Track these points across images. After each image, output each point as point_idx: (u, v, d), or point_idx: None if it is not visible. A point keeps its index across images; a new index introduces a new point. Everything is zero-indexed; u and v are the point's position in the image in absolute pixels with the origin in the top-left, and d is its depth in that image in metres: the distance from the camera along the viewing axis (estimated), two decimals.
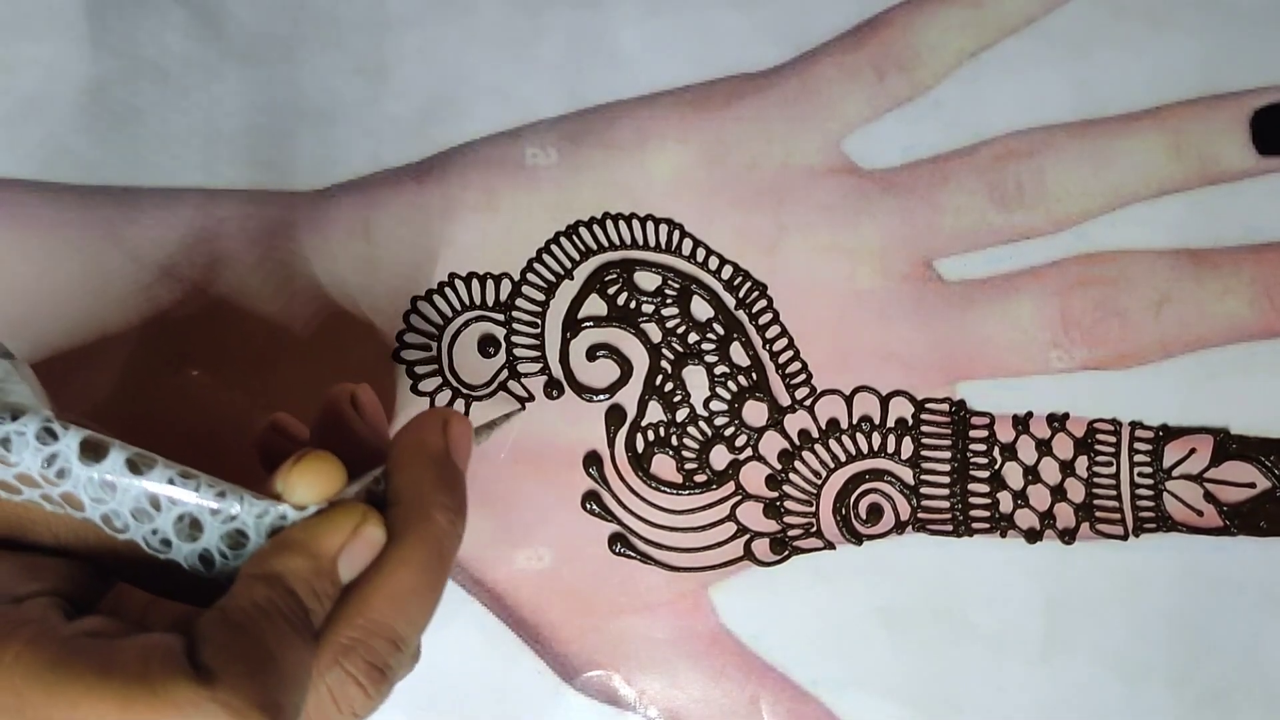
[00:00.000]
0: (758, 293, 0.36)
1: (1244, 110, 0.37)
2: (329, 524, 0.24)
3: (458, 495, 0.27)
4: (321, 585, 0.24)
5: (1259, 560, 0.36)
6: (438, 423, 0.28)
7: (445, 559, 0.26)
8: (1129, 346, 0.36)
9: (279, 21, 0.37)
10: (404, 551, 0.25)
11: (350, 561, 0.24)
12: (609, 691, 0.35)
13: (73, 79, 0.37)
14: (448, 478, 0.27)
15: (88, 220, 0.36)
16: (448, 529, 0.26)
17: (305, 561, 0.23)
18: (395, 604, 0.24)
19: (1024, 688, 0.35)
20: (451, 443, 0.27)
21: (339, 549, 0.24)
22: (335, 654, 0.23)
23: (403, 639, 0.24)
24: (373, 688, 0.24)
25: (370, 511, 0.25)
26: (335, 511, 0.24)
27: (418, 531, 0.25)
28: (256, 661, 0.21)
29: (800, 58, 0.37)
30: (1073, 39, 0.37)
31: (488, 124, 0.37)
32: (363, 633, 0.24)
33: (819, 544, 0.36)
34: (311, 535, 0.24)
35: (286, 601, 0.23)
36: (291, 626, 0.23)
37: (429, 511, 0.26)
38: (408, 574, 0.25)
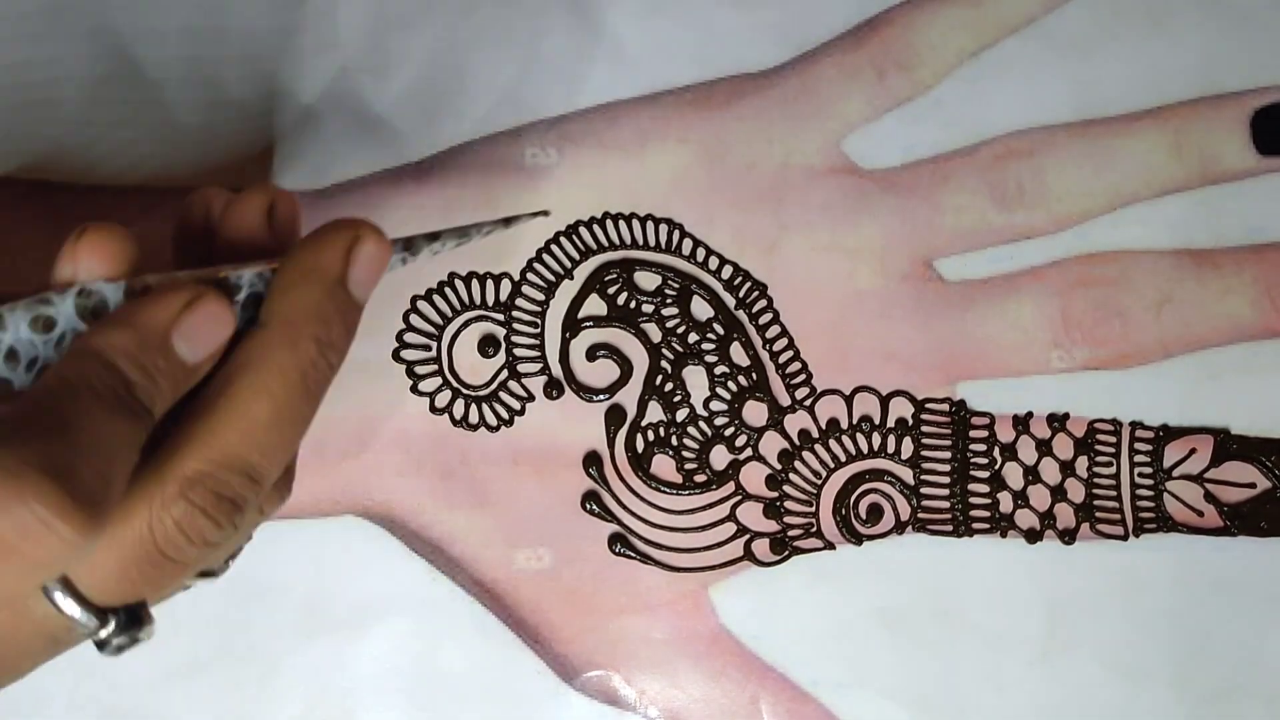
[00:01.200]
0: (757, 293, 0.36)
1: (1244, 110, 0.37)
2: (154, 298, 0.22)
3: (337, 327, 0.24)
4: (150, 359, 0.22)
5: (1259, 560, 0.36)
6: (343, 240, 0.24)
7: (310, 394, 0.23)
8: (1130, 346, 0.36)
9: (279, 21, 0.37)
10: (262, 378, 0.23)
11: (189, 336, 0.22)
12: (609, 691, 0.35)
13: (73, 79, 0.37)
14: (334, 306, 0.24)
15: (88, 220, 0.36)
16: (316, 359, 0.23)
17: (126, 334, 0.22)
18: (248, 436, 0.22)
19: (1024, 688, 0.35)
20: (354, 268, 0.24)
21: (169, 322, 0.22)
22: (180, 486, 0.22)
23: (257, 471, 0.22)
24: (223, 518, 0.22)
25: (206, 288, 0.23)
26: (163, 286, 0.23)
27: (280, 359, 0.23)
28: (45, 429, 0.20)
29: (800, 58, 0.37)
30: (1073, 39, 0.37)
31: (488, 124, 0.37)
32: (210, 465, 0.22)
33: (819, 544, 0.36)
34: (133, 309, 0.22)
35: (100, 375, 0.21)
36: (98, 398, 0.21)
37: (298, 339, 0.23)
38: (264, 404, 0.22)
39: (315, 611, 0.35)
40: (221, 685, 0.35)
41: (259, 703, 0.35)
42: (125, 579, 0.22)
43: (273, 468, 0.23)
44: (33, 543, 0.19)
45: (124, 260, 0.23)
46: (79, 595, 0.22)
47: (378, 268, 0.25)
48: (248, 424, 0.22)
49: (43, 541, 0.19)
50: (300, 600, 0.35)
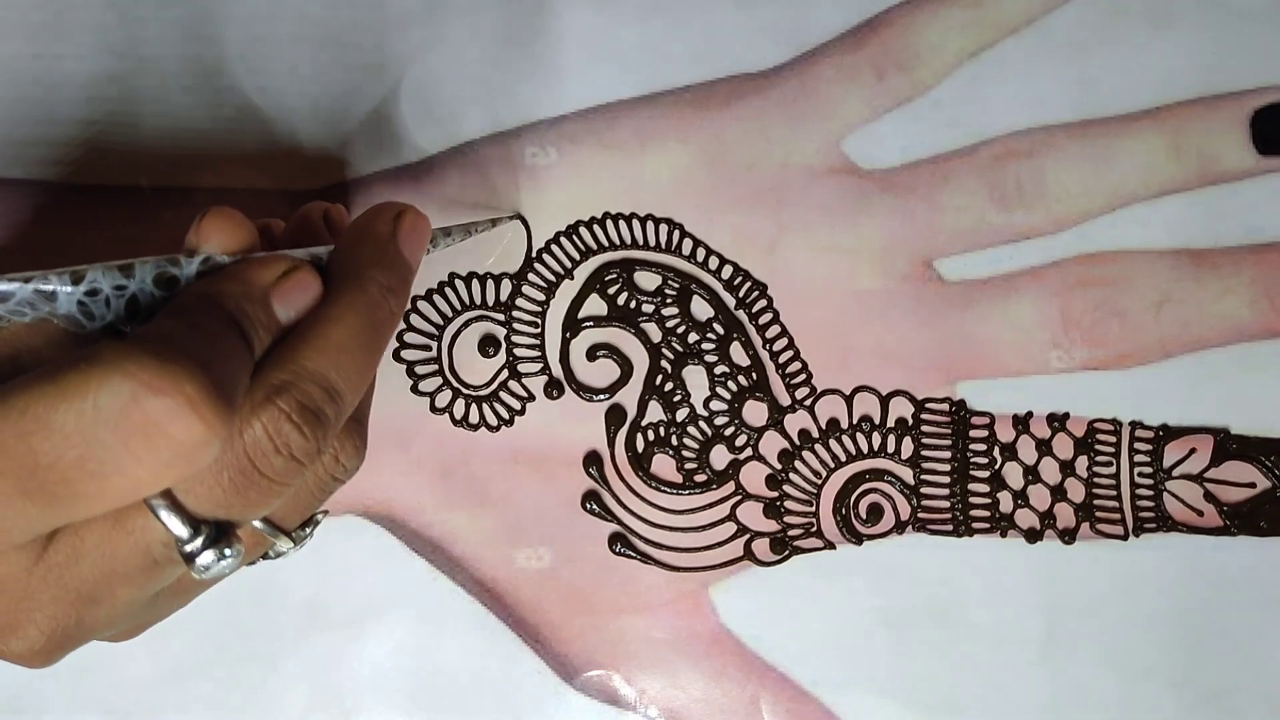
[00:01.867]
0: (758, 293, 0.36)
1: (1244, 110, 0.37)
2: (260, 262, 0.25)
3: (396, 274, 0.27)
4: (254, 310, 0.24)
5: (1259, 560, 0.36)
6: (390, 212, 0.28)
7: (380, 328, 0.26)
8: (1129, 346, 0.36)
9: (279, 21, 0.37)
10: (336, 310, 0.25)
11: (285, 298, 0.25)
12: (609, 691, 0.35)
13: (73, 79, 0.37)
14: (388, 258, 0.27)
15: (88, 220, 0.36)
16: (380, 300, 0.26)
17: (236, 285, 0.24)
18: (326, 354, 0.25)
19: (1024, 688, 0.35)
20: (401, 232, 0.28)
21: (271, 282, 0.25)
22: (268, 392, 0.23)
23: (336, 390, 0.24)
24: (308, 428, 0.24)
25: (303, 262, 0.26)
26: (265, 256, 0.25)
27: (350, 295, 0.26)
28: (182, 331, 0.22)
29: (800, 58, 0.37)
30: (1073, 39, 0.37)
31: (488, 124, 0.37)
32: (294, 375, 0.24)
33: (819, 544, 0.36)
34: (242, 267, 0.25)
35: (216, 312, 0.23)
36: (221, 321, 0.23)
37: (363, 282, 0.26)
38: (339, 329, 0.25)
39: (315, 611, 0.35)
40: (221, 685, 0.35)
41: (259, 702, 0.35)
42: (218, 489, 0.23)
43: (348, 390, 0.25)
44: (181, 426, 0.20)
45: (243, 239, 0.25)
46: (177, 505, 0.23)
47: (421, 235, 0.29)
48: (324, 343, 0.25)
49: (190, 425, 0.20)
50: (300, 600, 0.35)
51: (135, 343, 0.21)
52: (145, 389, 0.20)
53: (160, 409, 0.20)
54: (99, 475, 0.20)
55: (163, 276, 0.24)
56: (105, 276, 0.24)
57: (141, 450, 0.20)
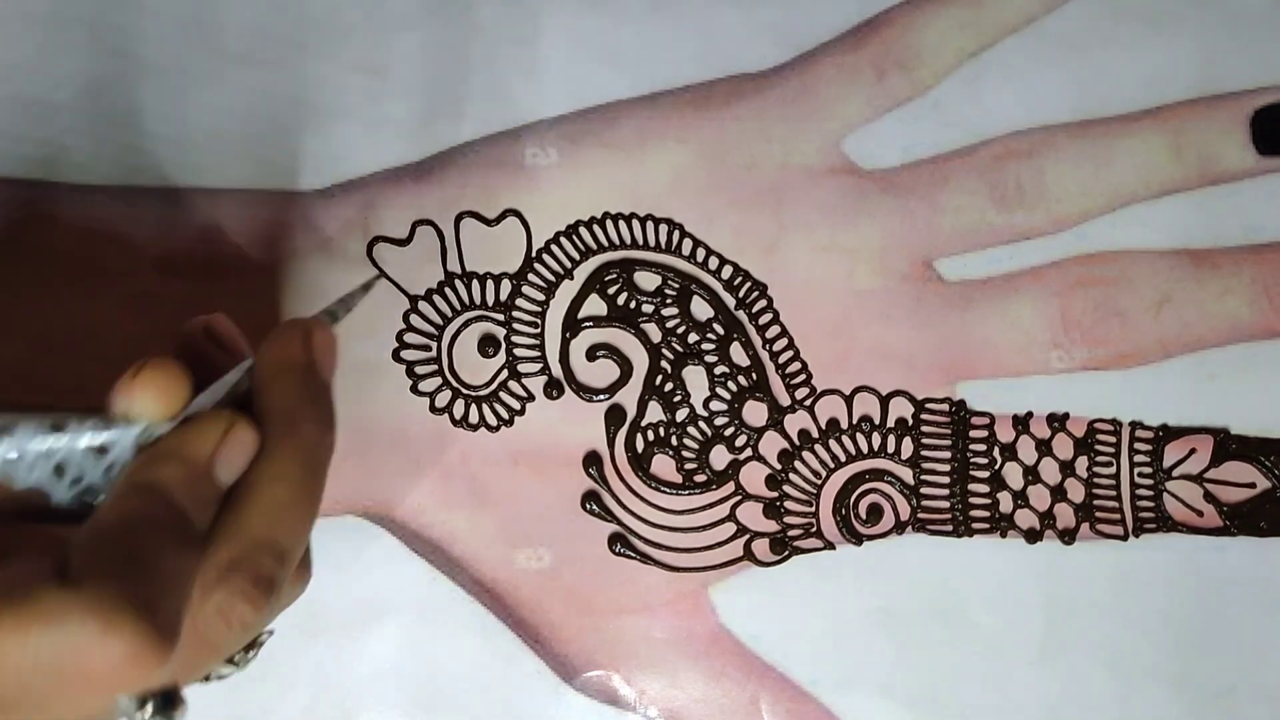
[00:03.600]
0: (757, 293, 0.36)
1: (1244, 110, 0.37)
2: (198, 430, 0.24)
3: (324, 407, 0.27)
4: (200, 490, 0.24)
5: (1259, 560, 0.36)
6: (299, 335, 0.27)
7: (318, 470, 0.26)
8: (1129, 347, 0.36)
9: (279, 21, 0.37)
10: (276, 466, 0.25)
11: (227, 464, 0.24)
12: (609, 691, 0.35)
13: (73, 79, 0.37)
14: (313, 390, 0.27)
15: (87, 220, 0.36)
16: (317, 440, 0.26)
17: (179, 468, 0.24)
18: (273, 518, 0.24)
19: (1024, 688, 0.35)
20: (315, 355, 0.27)
21: (212, 452, 0.24)
22: (220, 572, 0.23)
23: (285, 552, 0.24)
24: (261, 600, 0.24)
25: (237, 414, 0.25)
26: (203, 418, 0.25)
27: (287, 445, 0.25)
28: (126, 565, 0.21)
29: (800, 58, 0.37)
30: (1073, 39, 0.37)
31: (488, 124, 0.37)
32: (244, 550, 0.24)
33: (819, 544, 0.36)
34: (181, 441, 0.24)
35: (162, 509, 0.23)
36: (166, 532, 0.23)
37: (297, 425, 0.26)
38: (281, 487, 0.25)
39: (315, 611, 0.35)
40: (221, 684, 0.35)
41: (259, 703, 0.35)
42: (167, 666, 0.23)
43: (297, 545, 0.25)
44: (119, 673, 0.20)
45: (179, 400, 0.25)
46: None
47: (333, 348, 0.28)
48: (270, 507, 0.24)
49: (128, 672, 0.21)
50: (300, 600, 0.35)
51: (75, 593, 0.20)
52: (87, 645, 0.20)
53: (102, 662, 0.20)
54: (42, 707, 0.21)
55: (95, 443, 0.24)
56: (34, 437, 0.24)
57: (82, 693, 0.21)
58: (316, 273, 0.36)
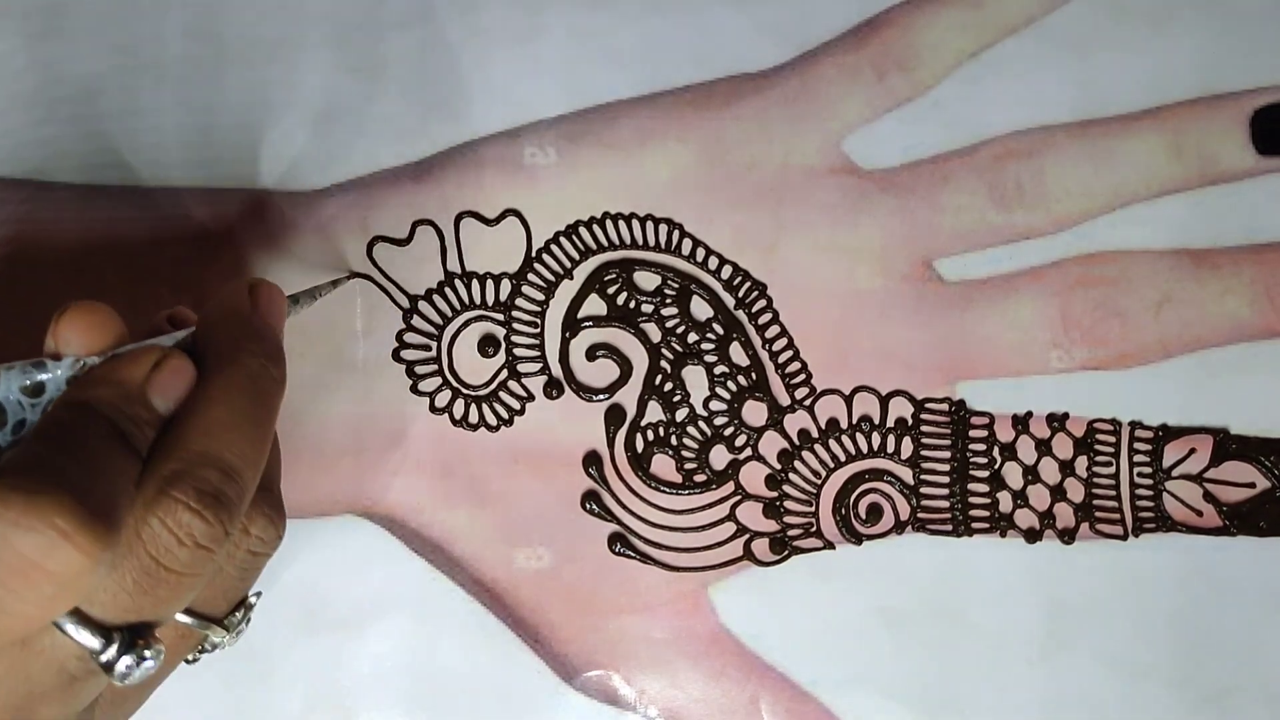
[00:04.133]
0: (757, 292, 0.36)
1: (1244, 110, 0.37)
2: (129, 358, 0.24)
3: (268, 343, 0.27)
4: (133, 410, 0.24)
5: (1259, 560, 0.36)
6: (243, 287, 0.28)
7: (262, 395, 0.26)
8: (1129, 346, 0.36)
9: (278, 21, 0.37)
10: (215, 389, 0.25)
11: (162, 390, 0.24)
12: (609, 691, 0.35)
13: (73, 79, 0.37)
14: (254, 329, 0.27)
15: (88, 220, 0.36)
16: (259, 370, 0.26)
17: (110, 389, 0.24)
18: (214, 434, 0.24)
19: (1024, 688, 0.35)
20: (260, 304, 0.28)
21: (144, 377, 0.24)
22: (160, 484, 0.23)
23: (232, 467, 0.24)
24: (209, 513, 0.23)
25: (172, 349, 0.25)
26: (134, 349, 0.25)
27: (227, 371, 0.25)
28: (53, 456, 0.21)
29: (800, 58, 0.37)
30: (1073, 39, 0.37)
31: (487, 124, 0.37)
32: (185, 462, 0.23)
33: (819, 544, 0.36)
34: (112, 368, 0.24)
35: (95, 423, 0.23)
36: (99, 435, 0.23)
37: (237, 355, 0.26)
38: (222, 409, 0.25)
39: (315, 611, 0.35)
40: (221, 683, 0.35)
41: (258, 701, 0.35)
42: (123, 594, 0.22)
43: (245, 465, 0.24)
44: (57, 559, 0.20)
45: (107, 336, 0.25)
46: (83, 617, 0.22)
47: (279, 303, 0.28)
48: (210, 423, 0.24)
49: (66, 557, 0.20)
50: (300, 599, 0.35)
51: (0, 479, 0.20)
52: (13, 528, 0.20)
53: (32, 546, 0.20)
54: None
55: (29, 386, 0.24)
56: None
57: (22, 588, 0.20)
58: (316, 273, 0.36)
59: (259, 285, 0.28)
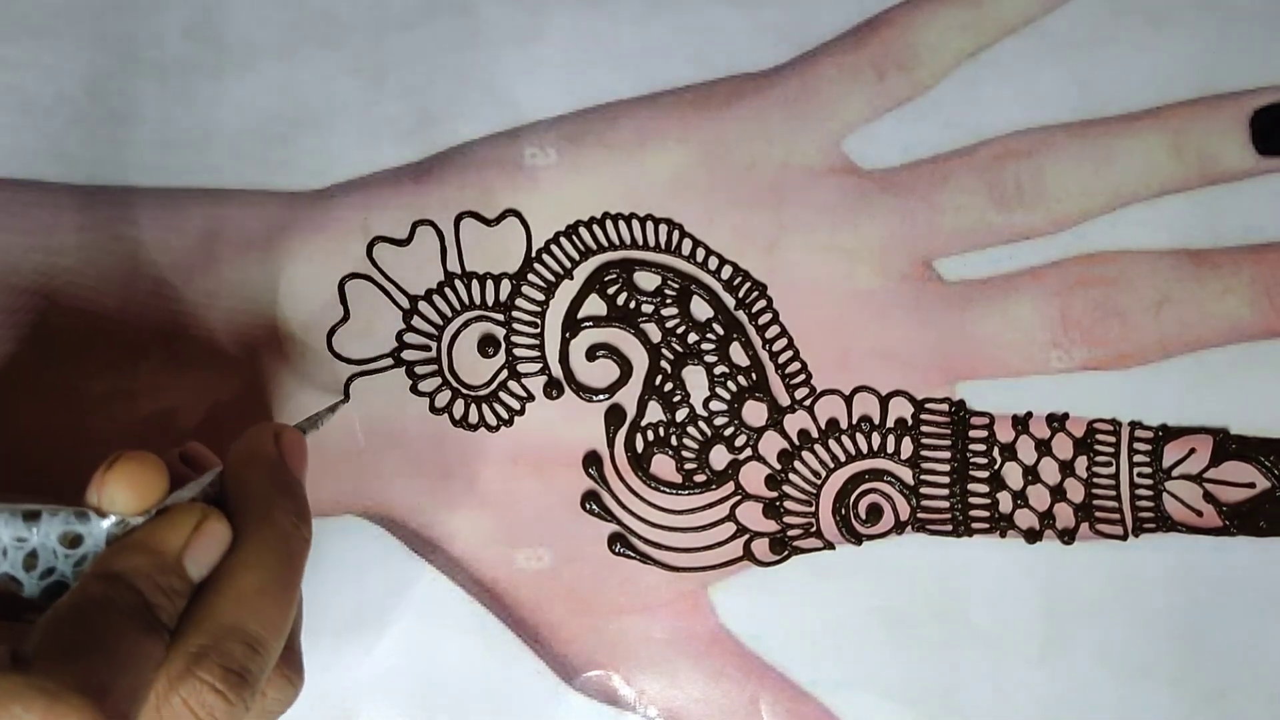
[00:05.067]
0: (757, 293, 0.36)
1: (1244, 110, 0.37)
2: (169, 523, 0.24)
3: (297, 499, 0.27)
4: (167, 581, 0.24)
5: (1259, 560, 0.36)
6: (269, 434, 0.28)
7: (293, 558, 0.26)
8: (1129, 346, 0.36)
9: (278, 21, 0.37)
10: (247, 554, 0.25)
11: (197, 559, 0.24)
12: (609, 691, 0.35)
13: (73, 79, 0.37)
14: (285, 482, 0.27)
15: (88, 220, 0.36)
16: (291, 530, 0.26)
17: (147, 558, 0.24)
18: (244, 605, 0.24)
19: (1024, 688, 0.35)
20: (285, 452, 0.28)
21: (182, 546, 0.24)
22: (187, 662, 0.23)
23: (258, 641, 0.24)
24: (232, 693, 0.23)
25: (210, 509, 0.25)
26: (174, 511, 0.25)
27: (260, 533, 0.25)
28: (78, 648, 0.21)
29: (800, 58, 0.37)
30: (1073, 39, 0.37)
31: (487, 124, 0.37)
32: (213, 637, 0.24)
33: (819, 544, 0.36)
34: (151, 533, 0.24)
35: (125, 596, 0.23)
36: (127, 618, 0.23)
37: (269, 513, 0.26)
38: (254, 575, 0.25)
39: (315, 611, 0.35)
40: None
41: None
42: None
43: (271, 636, 0.24)
44: None
45: (153, 493, 0.25)
46: None
47: (302, 450, 0.29)
48: (239, 594, 0.24)
49: None
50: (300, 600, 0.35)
51: (24, 677, 0.20)
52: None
53: None
54: None
55: (68, 535, 0.24)
56: (7, 526, 0.24)
57: None
58: (316, 273, 0.36)
59: (284, 433, 0.28)
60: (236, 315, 0.36)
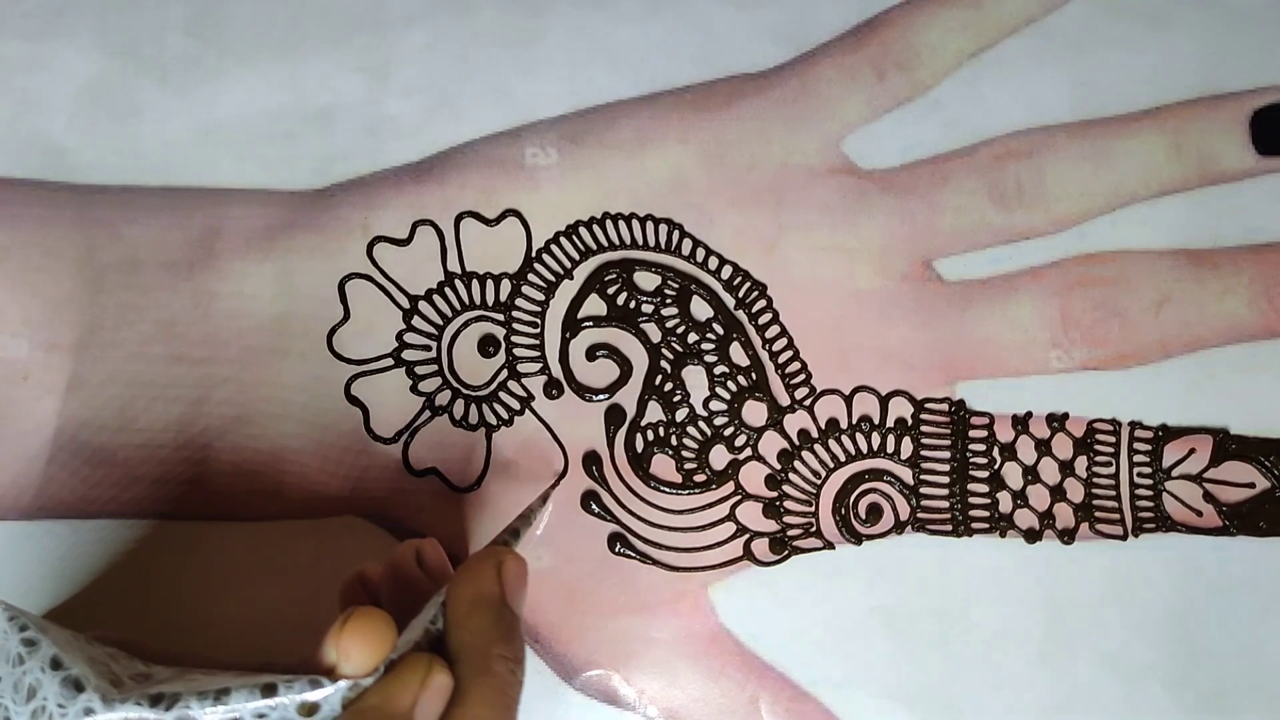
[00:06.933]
0: (757, 293, 0.36)
1: (1244, 110, 0.37)
2: (399, 682, 0.25)
3: (515, 643, 0.27)
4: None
5: (1259, 560, 0.36)
6: (492, 567, 0.28)
7: (511, 708, 0.27)
8: (1129, 346, 0.36)
9: (279, 21, 0.37)
10: (472, 708, 0.26)
11: (426, 713, 0.25)
12: (609, 691, 0.35)
13: (73, 79, 0.37)
14: (505, 626, 0.27)
15: (88, 220, 0.36)
16: (509, 679, 0.27)
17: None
18: None
19: (1024, 688, 0.35)
20: (506, 586, 0.28)
21: (413, 704, 0.25)
22: None
23: None
24: None
25: (434, 660, 0.26)
26: (402, 668, 0.25)
27: (481, 685, 0.26)
28: None
29: (800, 58, 0.37)
30: (1073, 39, 0.37)
31: (488, 124, 0.37)
32: None
33: (818, 544, 0.36)
34: (385, 697, 0.25)
35: None
36: None
37: (490, 664, 0.26)
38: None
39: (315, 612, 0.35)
40: None
41: None
42: None
43: None
44: None
45: (384, 650, 0.25)
46: None
47: (523, 579, 0.29)
48: None
49: None
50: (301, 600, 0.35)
51: None
52: None
53: None
54: None
55: (306, 705, 0.24)
56: (247, 702, 0.24)
57: None
58: (316, 273, 0.36)
59: (505, 561, 0.28)
60: (236, 315, 0.36)
